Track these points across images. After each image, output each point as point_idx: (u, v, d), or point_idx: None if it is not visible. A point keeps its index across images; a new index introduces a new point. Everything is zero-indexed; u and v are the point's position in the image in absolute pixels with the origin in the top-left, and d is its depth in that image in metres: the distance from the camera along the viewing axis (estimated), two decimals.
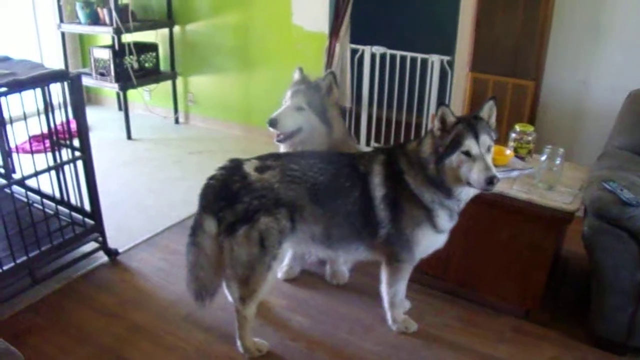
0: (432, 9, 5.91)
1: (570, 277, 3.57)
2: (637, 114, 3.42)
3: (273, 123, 3.01)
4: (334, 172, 2.77)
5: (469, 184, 2.55)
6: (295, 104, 3.01)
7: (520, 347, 2.95)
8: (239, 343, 2.86)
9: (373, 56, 5.08)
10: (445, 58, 4.77)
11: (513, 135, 3.48)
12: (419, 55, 4.90)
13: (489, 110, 2.64)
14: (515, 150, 3.46)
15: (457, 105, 4.62)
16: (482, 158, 2.49)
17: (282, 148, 3.17)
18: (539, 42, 4.11)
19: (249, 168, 2.71)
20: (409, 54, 4.95)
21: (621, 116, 3.52)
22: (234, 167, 2.74)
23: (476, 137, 2.51)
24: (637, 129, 3.39)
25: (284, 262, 3.47)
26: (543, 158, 3.12)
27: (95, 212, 3.52)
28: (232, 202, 2.63)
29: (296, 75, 3.14)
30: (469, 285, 3.31)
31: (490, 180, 2.45)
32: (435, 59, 4.81)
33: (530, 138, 3.47)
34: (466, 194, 2.69)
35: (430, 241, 2.80)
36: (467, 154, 2.51)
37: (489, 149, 2.57)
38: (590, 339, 3.00)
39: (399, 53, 4.99)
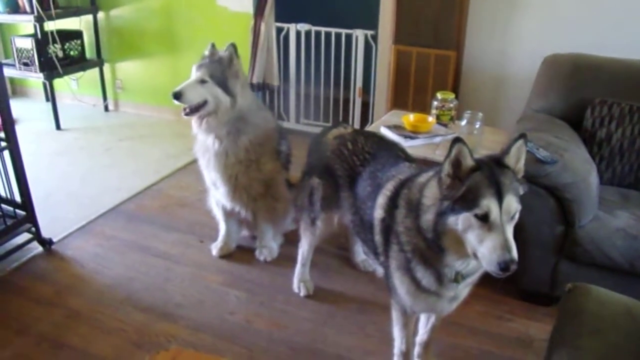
0: None
1: None
2: (551, 78, 3.56)
3: (177, 96, 3.02)
4: (372, 168, 2.49)
5: (474, 255, 1.85)
6: (199, 77, 3.04)
7: None
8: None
9: (298, 34, 5.14)
10: (369, 32, 4.85)
11: (435, 103, 3.60)
12: (344, 31, 4.98)
13: (517, 153, 1.90)
14: (438, 117, 3.59)
15: (383, 77, 4.72)
16: (501, 229, 1.77)
17: (193, 123, 3.19)
18: (459, 13, 4.25)
19: (331, 133, 2.90)
20: (333, 30, 5.03)
21: (537, 81, 3.66)
22: (328, 129, 3.01)
23: (499, 197, 1.78)
24: (551, 92, 3.53)
25: (218, 239, 3.53)
26: (463, 123, 3.24)
27: (27, 203, 3.46)
28: (308, 155, 3.06)
29: (206, 52, 3.15)
30: None
31: (506, 266, 1.74)
32: (359, 34, 4.89)
33: (451, 105, 3.60)
34: (465, 266, 1.99)
35: (411, 294, 2.17)
36: (483, 218, 1.78)
37: (513, 217, 1.83)
38: (517, 293, 3.12)
39: (323, 29, 5.07)
